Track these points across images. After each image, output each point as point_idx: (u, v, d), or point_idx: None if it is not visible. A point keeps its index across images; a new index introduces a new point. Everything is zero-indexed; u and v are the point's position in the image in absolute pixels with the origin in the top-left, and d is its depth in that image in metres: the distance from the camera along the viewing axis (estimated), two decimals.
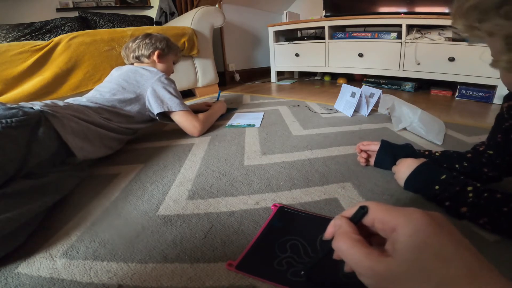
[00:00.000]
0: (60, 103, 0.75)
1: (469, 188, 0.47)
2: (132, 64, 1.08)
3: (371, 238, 0.28)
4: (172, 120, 1.00)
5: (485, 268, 0.21)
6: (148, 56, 1.05)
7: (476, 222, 0.46)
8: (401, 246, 0.23)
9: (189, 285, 0.39)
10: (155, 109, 0.94)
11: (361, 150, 0.72)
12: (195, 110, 1.09)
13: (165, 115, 0.99)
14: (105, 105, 0.86)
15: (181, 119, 0.99)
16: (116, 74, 1.00)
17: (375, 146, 0.69)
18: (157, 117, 0.96)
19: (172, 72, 1.16)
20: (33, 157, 0.58)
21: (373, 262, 0.23)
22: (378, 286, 0.24)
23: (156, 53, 1.05)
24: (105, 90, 0.92)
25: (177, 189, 0.65)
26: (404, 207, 0.25)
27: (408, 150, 0.66)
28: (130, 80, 0.95)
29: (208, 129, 1.07)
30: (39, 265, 0.44)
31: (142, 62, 1.07)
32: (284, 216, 0.52)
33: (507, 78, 0.36)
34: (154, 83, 0.95)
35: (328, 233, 0.29)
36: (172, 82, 1.01)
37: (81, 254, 0.45)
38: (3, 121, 0.53)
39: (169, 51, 1.10)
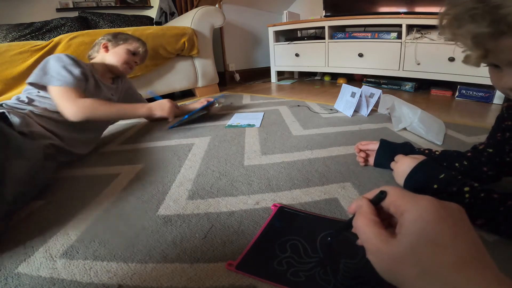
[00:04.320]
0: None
1: (466, 189, 0.46)
2: None
3: (392, 221, 0.30)
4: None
5: (479, 259, 0.22)
6: (98, 51, 1.04)
7: (474, 222, 0.46)
8: (403, 230, 0.25)
9: (189, 285, 0.39)
10: (29, 78, 0.80)
11: (360, 150, 0.72)
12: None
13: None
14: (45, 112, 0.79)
15: (56, 96, 0.81)
16: None
17: (373, 146, 0.69)
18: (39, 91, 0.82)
19: (136, 63, 1.10)
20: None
21: (379, 241, 0.26)
22: (380, 265, 0.26)
23: (101, 44, 1.03)
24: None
25: (177, 189, 0.65)
26: (419, 195, 0.27)
27: (407, 149, 0.66)
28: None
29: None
30: (39, 265, 0.44)
31: (92, 58, 1.05)
32: (284, 216, 0.52)
33: (492, 77, 0.39)
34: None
35: (351, 208, 0.32)
36: (70, 58, 0.86)
37: (81, 254, 0.45)
38: None
39: (117, 40, 1.05)
